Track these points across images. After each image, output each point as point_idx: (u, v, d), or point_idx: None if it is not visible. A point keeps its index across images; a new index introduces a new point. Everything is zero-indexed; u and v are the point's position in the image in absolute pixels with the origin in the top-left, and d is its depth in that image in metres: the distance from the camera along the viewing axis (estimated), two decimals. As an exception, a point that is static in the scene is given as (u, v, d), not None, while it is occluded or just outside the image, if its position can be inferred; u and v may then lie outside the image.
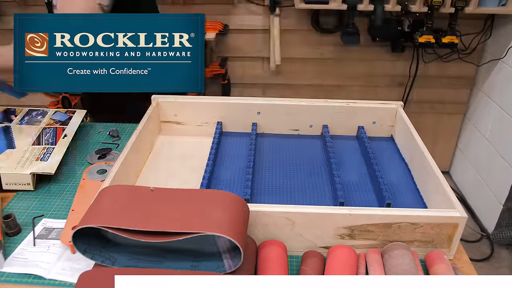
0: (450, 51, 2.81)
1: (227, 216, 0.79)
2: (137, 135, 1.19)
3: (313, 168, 1.25)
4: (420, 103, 3.03)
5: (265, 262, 0.87)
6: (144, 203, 0.83)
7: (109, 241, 0.86)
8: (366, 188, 1.17)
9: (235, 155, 1.31)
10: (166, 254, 0.86)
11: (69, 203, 1.10)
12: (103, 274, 0.79)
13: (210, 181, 1.16)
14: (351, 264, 0.89)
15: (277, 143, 1.37)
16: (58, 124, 1.35)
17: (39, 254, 0.95)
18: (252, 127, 1.38)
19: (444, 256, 0.91)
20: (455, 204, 0.94)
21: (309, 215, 0.91)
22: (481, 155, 2.87)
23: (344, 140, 1.38)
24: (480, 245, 2.75)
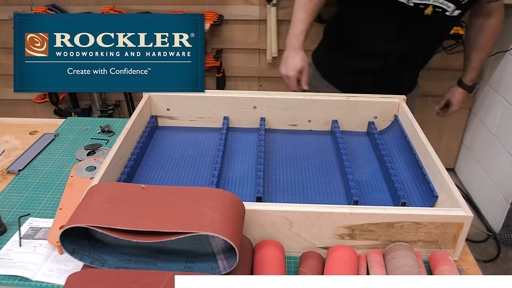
0: (455, 42, 2.81)
1: (221, 215, 0.79)
2: (128, 130, 1.19)
3: (324, 165, 1.26)
4: (424, 97, 3.03)
5: (262, 263, 0.88)
6: (135, 202, 0.84)
7: (98, 242, 0.87)
8: (379, 187, 1.18)
9: (242, 152, 1.31)
10: (158, 254, 0.86)
11: (57, 202, 1.10)
12: (92, 276, 0.79)
13: (219, 179, 1.16)
14: (352, 265, 0.89)
15: (280, 139, 1.38)
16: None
17: (25, 255, 0.95)
18: (260, 122, 1.39)
19: (449, 257, 0.91)
20: (460, 202, 0.94)
21: (307, 214, 0.91)
22: (488, 151, 2.88)
23: (346, 136, 1.39)
24: (486, 246, 2.76)
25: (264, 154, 1.23)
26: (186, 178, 1.19)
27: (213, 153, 1.29)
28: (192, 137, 1.38)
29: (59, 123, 1.49)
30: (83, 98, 3.04)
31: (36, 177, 1.20)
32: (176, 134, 1.39)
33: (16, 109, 3.13)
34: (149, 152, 1.30)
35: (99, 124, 1.47)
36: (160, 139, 1.37)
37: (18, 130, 1.45)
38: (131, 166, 1.16)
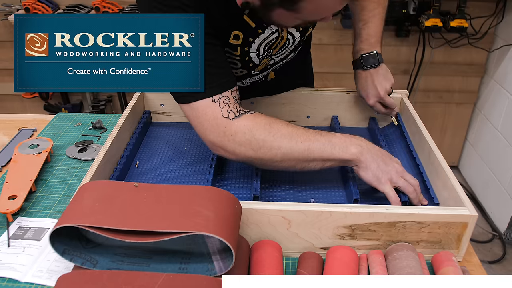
0: (459, 35, 2.81)
1: (216, 214, 0.79)
2: (120, 126, 1.19)
3: None
4: (427, 92, 3.04)
5: (259, 265, 0.87)
6: (128, 201, 0.83)
7: (90, 242, 0.86)
8: None
9: None
10: (152, 255, 0.86)
11: (49, 202, 1.11)
12: (83, 277, 0.78)
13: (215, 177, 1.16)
14: (352, 266, 0.89)
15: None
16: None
17: (14, 255, 0.94)
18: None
19: (453, 258, 0.91)
20: (465, 201, 0.94)
21: (306, 213, 0.91)
22: (493, 148, 2.88)
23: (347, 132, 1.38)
24: (491, 246, 2.76)
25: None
26: (181, 176, 1.19)
27: (208, 150, 1.29)
28: (186, 133, 1.38)
29: (49, 119, 1.49)
30: (74, 93, 3.03)
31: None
32: (170, 131, 1.39)
33: (5, 104, 3.13)
34: (142, 149, 1.29)
35: (90, 120, 1.47)
36: (154, 135, 1.37)
37: (6, 127, 1.44)
38: (123, 164, 1.15)
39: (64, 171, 1.22)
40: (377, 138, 1.30)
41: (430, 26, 2.63)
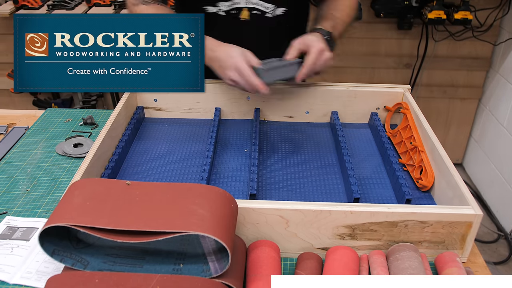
0: (463, 28, 2.81)
1: (212, 213, 0.79)
2: (112, 122, 1.18)
3: (323, 160, 1.26)
4: (430, 87, 3.04)
5: (256, 265, 0.87)
6: (120, 199, 0.83)
7: (80, 242, 0.86)
8: (382, 183, 1.18)
9: (235, 145, 1.32)
10: (144, 256, 0.86)
11: (38, 200, 1.10)
12: (74, 279, 0.79)
13: (210, 175, 1.16)
14: (352, 267, 0.89)
15: (275, 131, 1.38)
16: None
17: (2, 256, 0.94)
18: (255, 113, 1.39)
19: (457, 259, 0.92)
20: (469, 200, 0.94)
21: (304, 212, 0.91)
22: (498, 145, 2.89)
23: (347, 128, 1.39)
24: (497, 246, 2.77)
25: (258, 148, 1.23)
26: (175, 173, 1.19)
27: (203, 146, 1.29)
28: (181, 129, 1.38)
29: (38, 114, 1.49)
30: (64, 88, 3.03)
31: (13, 173, 1.20)
32: (164, 127, 1.39)
33: (-8, 99, 3.13)
34: (135, 145, 1.29)
35: (81, 116, 1.47)
36: (147, 131, 1.37)
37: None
38: (115, 161, 1.15)
39: (54, 168, 1.22)
40: (379, 134, 1.30)
41: (433, 18, 2.63)
